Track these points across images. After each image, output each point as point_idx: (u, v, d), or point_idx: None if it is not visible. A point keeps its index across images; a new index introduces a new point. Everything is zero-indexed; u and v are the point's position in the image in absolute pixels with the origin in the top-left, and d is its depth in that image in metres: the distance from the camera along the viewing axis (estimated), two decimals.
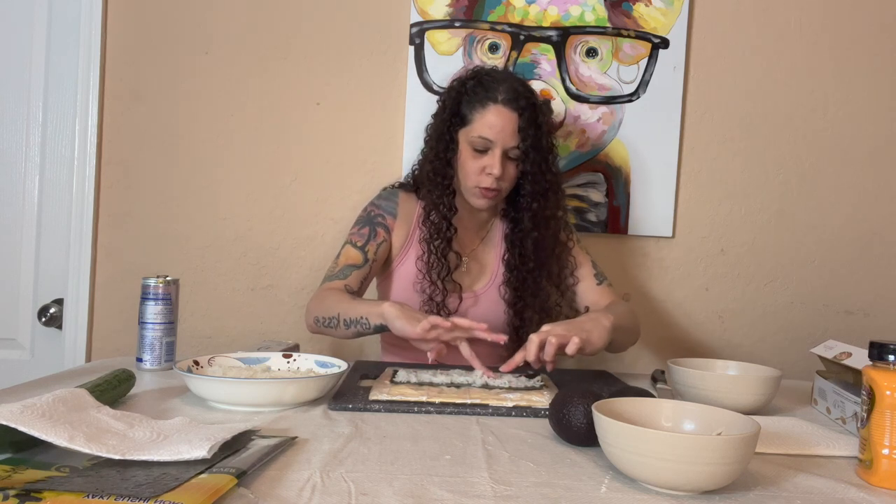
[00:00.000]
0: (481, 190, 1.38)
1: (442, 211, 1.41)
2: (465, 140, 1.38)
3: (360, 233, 1.45)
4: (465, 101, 1.38)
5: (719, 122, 1.76)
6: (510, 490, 0.70)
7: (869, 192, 1.78)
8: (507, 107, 1.35)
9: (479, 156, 1.37)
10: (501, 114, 1.34)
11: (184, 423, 0.82)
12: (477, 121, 1.36)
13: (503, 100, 1.35)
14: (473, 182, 1.38)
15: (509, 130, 1.35)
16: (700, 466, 0.69)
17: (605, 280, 1.50)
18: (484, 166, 1.36)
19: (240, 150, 1.74)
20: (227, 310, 1.74)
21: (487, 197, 1.39)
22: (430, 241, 1.41)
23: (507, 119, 1.34)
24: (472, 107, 1.37)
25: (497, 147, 1.35)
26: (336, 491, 0.67)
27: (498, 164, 1.35)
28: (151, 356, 1.22)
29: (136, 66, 1.73)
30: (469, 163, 1.38)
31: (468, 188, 1.40)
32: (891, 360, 0.78)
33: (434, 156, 1.42)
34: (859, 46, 1.77)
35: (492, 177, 1.36)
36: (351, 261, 1.41)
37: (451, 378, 1.14)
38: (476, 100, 1.37)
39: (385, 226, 1.46)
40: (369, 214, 1.47)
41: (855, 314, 1.79)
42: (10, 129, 1.76)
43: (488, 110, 1.35)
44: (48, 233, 1.77)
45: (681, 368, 1.10)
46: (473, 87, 1.38)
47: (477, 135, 1.35)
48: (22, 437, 0.70)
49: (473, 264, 1.49)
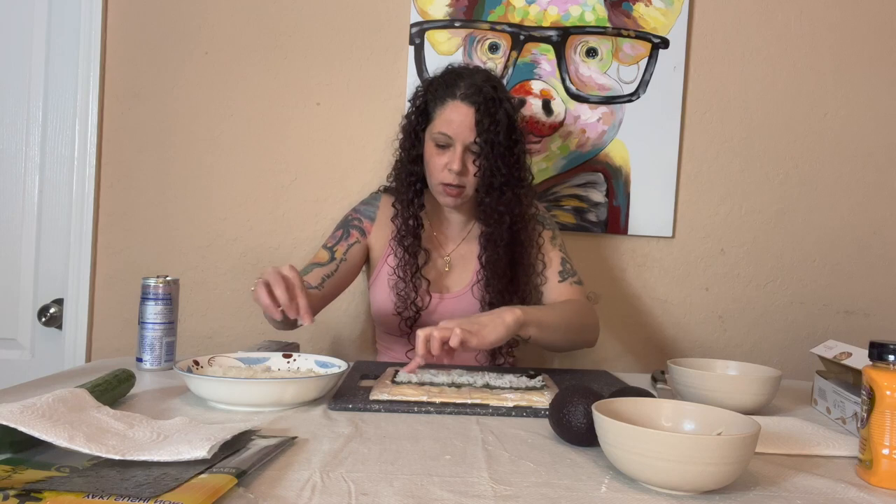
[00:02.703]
0: (444, 187, 1.38)
1: (410, 209, 1.42)
2: (429, 137, 1.39)
3: (334, 235, 1.49)
4: (429, 99, 1.40)
5: (719, 122, 1.76)
6: (510, 490, 0.70)
7: (868, 192, 1.79)
8: (464, 102, 1.35)
9: (442, 152, 1.37)
10: (459, 109, 1.35)
11: (184, 423, 0.82)
12: (438, 117, 1.37)
13: (461, 95, 1.35)
14: (437, 179, 1.39)
15: (467, 125, 1.34)
16: (700, 466, 0.69)
17: (571, 277, 1.47)
18: (446, 163, 1.36)
19: (240, 150, 1.74)
20: (227, 310, 1.74)
21: (451, 194, 1.39)
22: (399, 239, 1.43)
23: (464, 114, 1.34)
24: (435, 104, 1.38)
25: (457, 143, 1.35)
26: (336, 491, 0.67)
27: (457, 160, 1.34)
28: (151, 356, 1.22)
29: (136, 66, 1.73)
30: (433, 160, 1.38)
31: (433, 186, 1.41)
32: (891, 360, 0.78)
33: (403, 154, 1.43)
34: (859, 46, 1.77)
35: (452, 173, 1.36)
36: (316, 259, 1.43)
37: (452, 378, 1.14)
38: (438, 97, 1.38)
39: (360, 228, 1.48)
40: (346, 218, 1.51)
41: (855, 314, 1.79)
42: (10, 129, 1.76)
43: (447, 106, 1.36)
44: (48, 233, 1.77)
45: (681, 368, 1.10)
46: (437, 84, 1.39)
47: (437, 131, 1.36)
48: (22, 437, 0.70)
49: (455, 265, 1.49)
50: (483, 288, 1.44)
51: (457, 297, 1.46)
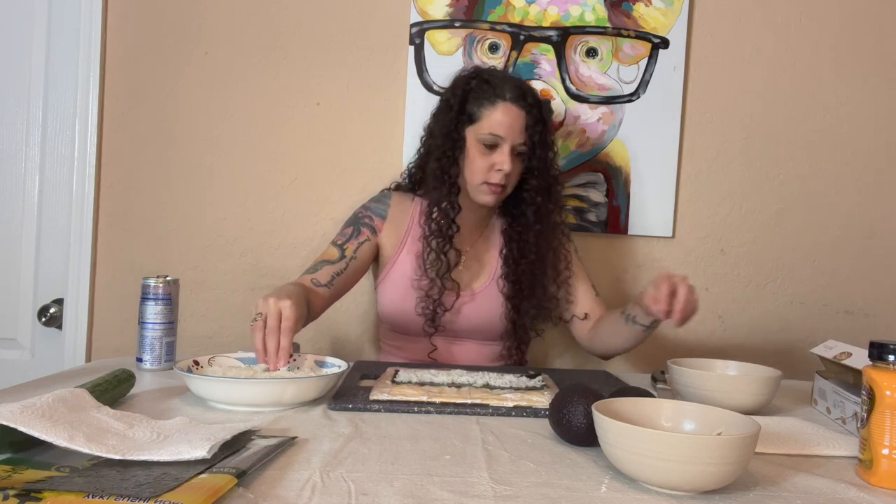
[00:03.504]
0: (490, 186, 1.40)
1: (445, 209, 1.41)
2: (474, 137, 1.39)
3: (343, 232, 1.48)
4: (472, 99, 1.40)
5: (719, 122, 1.76)
6: (510, 490, 0.70)
7: (868, 192, 1.79)
8: (515, 104, 1.38)
9: (488, 153, 1.38)
10: (510, 111, 1.37)
11: (184, 423, 0.82)
12: (486, 118, 1.38)
13: (511, 97, 1.38)
14: (481, 179, 1.40)
15: (518, 127, 1.38)
16: (700, 466, 0.69)
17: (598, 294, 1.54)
18: (493, 163, 1.38)
19: (240, 150, 1.74)
20: (227, 310, 1.74)
21: (495, 193, 1.41)
22: (429, 238, 1.42)
23: (515, 116, 1.37)
24: (480, 104, 1.39)
25: (506, 143, 1.38)
26: (336, 491, 0.67)
27: (507, 159, 1.37)
28: (151, 356, 1.22)
29: (136, 66, 1.73)
30: (477, 160, 1.39)
31: (475, 185, 1.41)
32: (891, 360, 0.78)
33: (441, 154, 1.42)
34: (859, 46, 1.77)
35: (501, 173, 1.38)
36: (326, 257, 1.43)
37: (452, 378, 1.14)
38: (484, 97, 1.39)
39: (371, 227, 1.48)
40: (356, 216, 1.51)
41: (855, 314, 1.79)
42: (10, 129, 1.76)
43: (497, 108, 1.37)
44: (48, 233, 1.77)
45: (681, 368, 1.10)
46: (479, 84, 1.40)
47: (487, 132, 1.37)
48: (22, 437, 0.70)
49: (472, 262, 1.49)
50: (506, 284, 1.46)
51: (479, 293, 1.47)
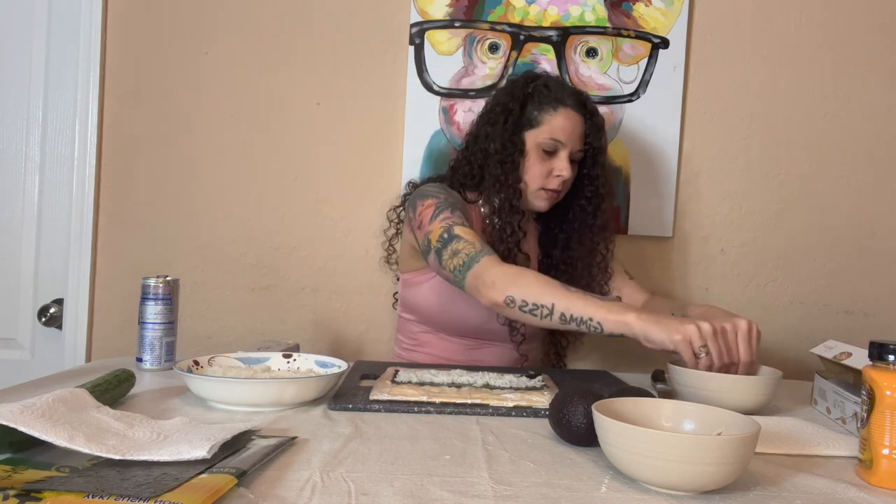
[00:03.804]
0: (547, 192, 1.39)
1: (511, 213, 1.37)
2: (533, 142, 1.38)
3: (455, 215, 1.30)
4: (531, 104, 1.39)
5: (719, 122, 1.76)
6: (510, 490, 0.70)
7: (869, 192, 1.78)
8: (575, 110, 1.38)
9: (547, 158, 1.38)
10: (571, 117, 1.38)
11: (184, 423, 0.82)
12: (547, 123, 1.38)
13: (571, 103, 1.38)
14: (539, 184, 1.39)
15: (578, 133, 1.39)
16: (700, 466, 0.69)
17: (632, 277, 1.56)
18: (551, 168, 1.38)
19: (240, 150, 1.74)
20: (227, 310, 1.74)
21: (551, 199, 1.41)
22: (497, 245, 1.36)
23: (576, 122, 1.38)
24: (542, 108, 1.38)
25: (566, 149, 1.38)
26: (336, 491, 0.67)
27: (567, 166, 1.37)
28: (151, 356, 1.22)
29: (136, 66, 1.73)
30: (536, 165, 1.38)
31: (532, 191, 1.40)
32: (891, 360, 0.78)
33: (503, 158, 1.38)
34: (859, 46, 1.77)
35: (560, 178, 1.38)
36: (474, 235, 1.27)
37: (452, 378, 1.14)
38: (546, 102, 1.38)
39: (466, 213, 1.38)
40: (447, 200, 1.34)
41: (855, 314, 1.79)
42: (10, 129, 1.76)
43: (559, 113, 1.37)
44: (48, 233, 1.77)
45: (681, 368, 1.10)
46: (539, 89, 1.40)
47: (548, 137, 1.37)
48: (22, 437, 0.70)
49: None
50: None
51: None
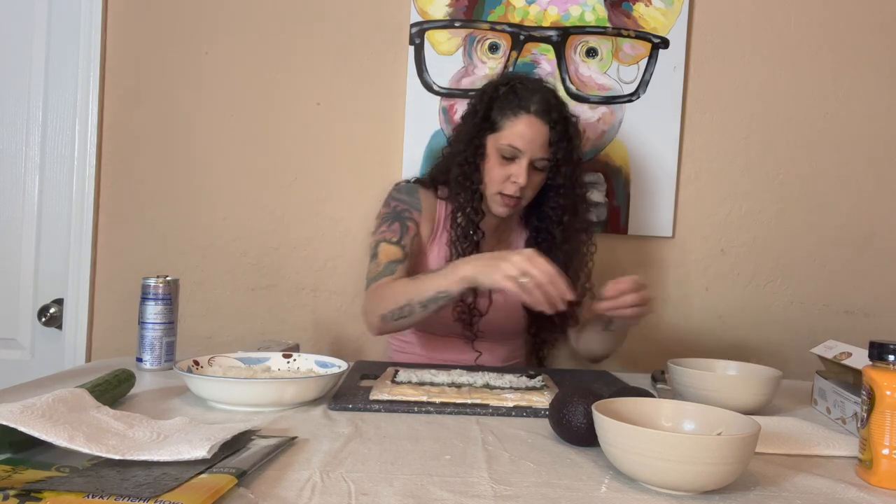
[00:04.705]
0: (503, 197, 1.38)
1: (469, 215, 1.39)
2: (494, 146, 1.38)
3: (392, 229, 1.41)
4: (496, 107, 1.38)
5: (719, 122, 1.76)
6: (510, 490, 0.70)
7: (868, 192, 1.79)
8: (539, 118, 1.35)
9: (506, 163, 1.37)
10: (533, 124, 1.35)
11: (184, 423, 0.82)
12: (507, 128, 1.36)
13: (535, 110, 1.35)
14: (496, 189, 1.38)
15: (539, 142, 1.35)
16: (700, 466, 0.69)
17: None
18: (509, 174, 1.36)
19: (240, 150, 1.74)
20: (227, 310, 1.74)
21: (508, 205, 1.39)
22: (456, 244, 1.39)
23: (537, 130, 1.35)
24: (504, 114, 1.37)
25: (525, 157, 1.35)
26: (336, 491, 0.67)
27: (524, 173, 1.35)
28: (151, 356, 1.22)
29: (136, 66, 1.73)
30: (495, 169, 1.38)
31: (490, 195, 1.40)
32: (891, 360, 0.78)
33: (463, 159, 1.40)
34: (859, 46, 1.77)
35: (516, 185, 1.36)
36: (392, 257, 1.38)
37: (452, 378, 1.14)
38: (508, 107, 1.36)
39: (413, 220, 1.43)
40: (395, 210, 1.44)
41: (855, 314, 1.79)
42: (10, 129, 1.76)
43: (520, 119, 1.35)
44: (48, 233, 1.77)
45: (681, 368, 1.10)
46: (506, 93, 1.38)
47: (506, 143, 1.35)
48: (22, 437, 0.70)
49: None
50: None
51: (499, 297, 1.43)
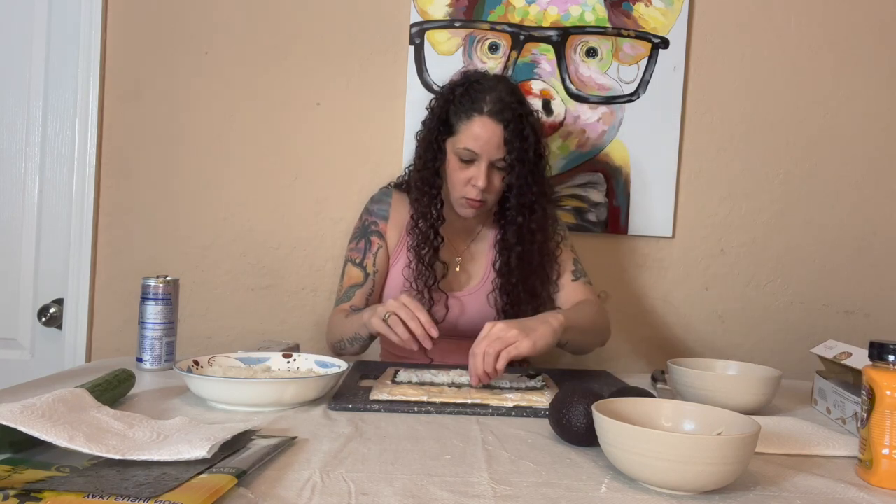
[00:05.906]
0: (467, 201, 1.38)
1: (430, 220, 1.40)
2: (452, 150, 1.37)
3: (357, 248, 1.47)
4: (452, 111, 1.37)
5: (719, 122, 1.76)
6: (510, 490, 0.70)
7: (868, 192, 1.79)
8: (492, 118, 1.33)
9: (465, 167, 1.36)
10: (486, 126, 1.33)
11: (184, 423, 0.82)
12: (462, 132, 1.35)
13: (489, 111, 1.33)
14: (459, 192, 1.38)
15: (494, 143, 1.33)
16: (700, 466, 0.69)
17: (583, 277, 1.48)
18: (470, 177, 1.36)
19: (240, 150, 1.74)
20: (227, 310, 1.74)
21: (473, 207, 1.39)
22: (417, 250, 1.40)
23: (492, 131, 1.33)
24: (459, 117, 1.35)
25: (482, 159, 1.34)
26: (336, 491, 0.67)
27: (483, 176, 1.34)
28: (151, 356, 1.22)
29: (136, 66, 1.73)
30: (455, 173, 1.37)
31: (455, 198, 1.40)
32: (891, 360, 0.78)
33: (422, 164, 1.41)
34: (859, 46, 1.77)
35: (476, 189, 1.35)
36: (353, 281, 1.44)
37: (452, 378, 1.14)
38: (462, 110, 1.35)
39: (378, 232, 1.47)
40: (363, 224, 1.50)
41: (855, 314, 1.79)
42: (10, 129, 1.76)
43: (474, 122, 1.33)
44: (48, 233, 1.77)
45: (681, 368, 1.10)
46: (461, 95, 1.36)
47: (462, 146, 1.34)
48: (22, 437, 0.70)
49: (465, 265, 1.48)
50: (498, 295, 1.43)
51: (469, 297, 1.45)
